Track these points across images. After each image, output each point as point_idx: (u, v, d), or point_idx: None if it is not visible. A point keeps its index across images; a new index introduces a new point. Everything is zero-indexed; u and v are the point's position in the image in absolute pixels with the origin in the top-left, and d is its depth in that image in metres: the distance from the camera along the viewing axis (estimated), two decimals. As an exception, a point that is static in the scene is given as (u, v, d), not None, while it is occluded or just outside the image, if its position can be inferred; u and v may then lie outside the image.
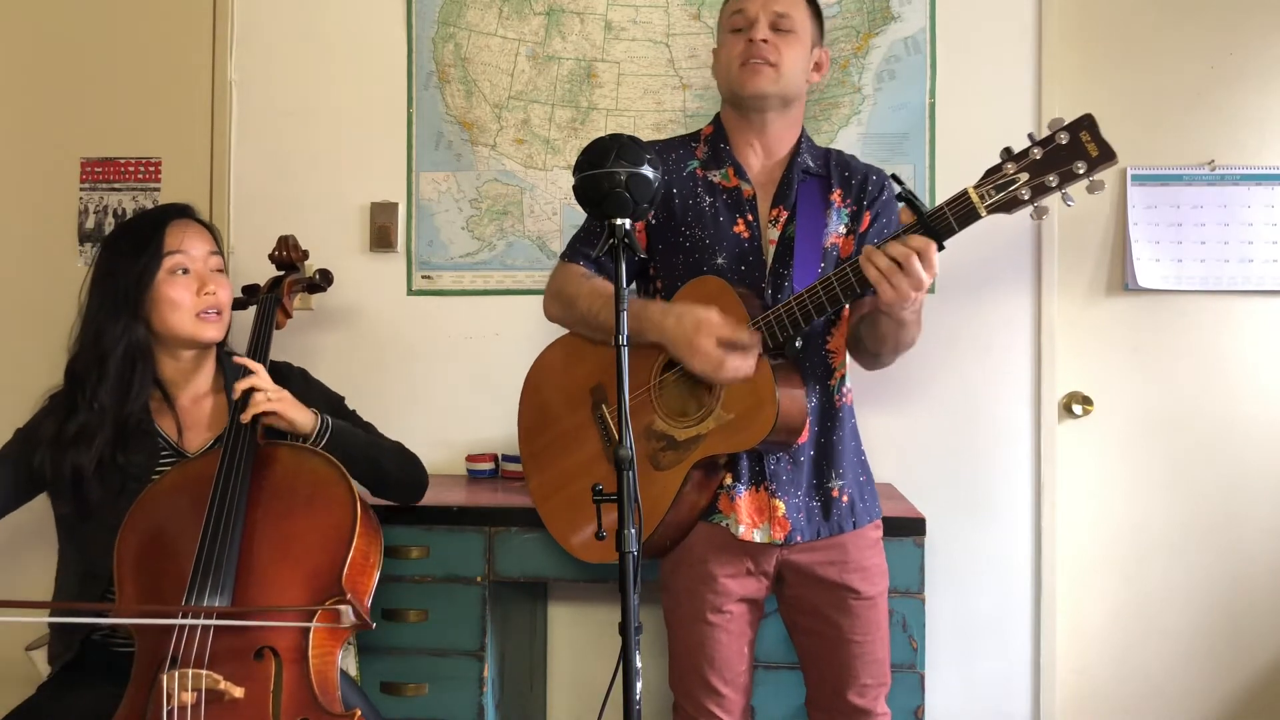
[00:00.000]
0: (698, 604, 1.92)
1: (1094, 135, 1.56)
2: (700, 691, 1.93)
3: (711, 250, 1.92)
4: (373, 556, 1.82)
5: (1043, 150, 1.58)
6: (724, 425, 1.82)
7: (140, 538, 1.78)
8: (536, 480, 2.05)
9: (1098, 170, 1.56)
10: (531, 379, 2.11)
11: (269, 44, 2.72)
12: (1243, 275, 2.54)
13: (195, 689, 1.60)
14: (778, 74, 1.90)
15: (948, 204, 1.65)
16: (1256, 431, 2.56)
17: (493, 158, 2.67)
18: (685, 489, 1.86)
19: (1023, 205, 1.61)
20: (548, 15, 2.65)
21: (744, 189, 1.95)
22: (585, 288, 1.96)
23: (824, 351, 1.94)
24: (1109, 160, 1.55)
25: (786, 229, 1.92)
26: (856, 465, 1.98)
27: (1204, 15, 2.55)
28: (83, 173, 2.75)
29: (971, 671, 2.54)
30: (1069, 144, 1.57)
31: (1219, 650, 2.57)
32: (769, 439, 1.79)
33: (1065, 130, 1.57)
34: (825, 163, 1.99)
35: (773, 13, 1.91)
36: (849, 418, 1.99)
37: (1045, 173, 1.58)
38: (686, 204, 1.96)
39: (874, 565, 1.95)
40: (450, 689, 2.15)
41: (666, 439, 1.88)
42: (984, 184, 1.62)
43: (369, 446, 2.01)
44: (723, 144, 1.98)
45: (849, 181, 1.97)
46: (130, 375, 1.91)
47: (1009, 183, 1.60)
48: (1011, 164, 1.60)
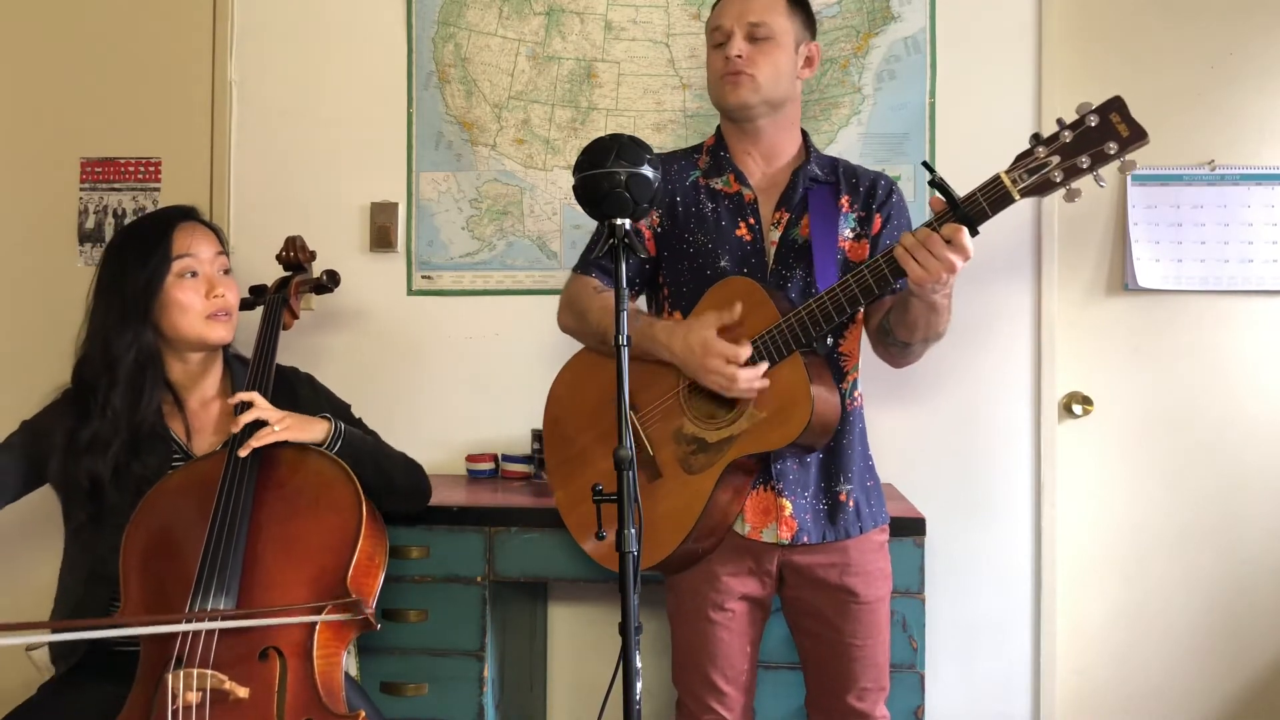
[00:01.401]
0: (700, 601, 1.93)
1: (1124, 116, 1.59)
2: (702, 688, 1.94)
3: (715, 254, 1.94)
4: (378, 558, 1.82)
5: (1073, 133, 1.61)
6: (757, 424, 1.82)
7: (146, 538, 1.78)
8: (562, 492, 2.04)
9: (1129, 150, 1.59)
10: (555, 391, 2.09)
11: (269, 44, 2.72)
12: (1243, 275, 2.54)
13: (200, 689, 1.60)
14: (756, 84, 1.92)
15: (980, 189, 1.66)
16: (1256, 431, 2.56)
17: (493, 158, 2.67)
18: (718, 492, 1.85)
19: (1055, 188, 1.63)
20: (548, 15, 2.65)
21: (745, 194, 1.96)
22: (596, 303, 1.97)
23: (837, 354, 1.95)
24: (1140, 140, 1.58)
25: (788, 231, 1.93)
26: (864, 470, 1.98)
27: (1204, 15, 2.55)
28: (83, 173, 2.75)
29: (971, 671, 2.54)
30: (1099, 125, 1.59)
31: (1219, 650, 2.57)
32: (803, 437, 1.79)
33: (1095, 113, 1.60)
34: (833, 170, 2.00)
35: (746, 24, 1.92)
36: (858, 422, 1.99)
37: (1077, 154, 1.60)
38: (690, 211, 1.98)
39: (876, 570, 1.94)
40: (450, 689, 2.15)
41: (698, 442, 1.88)
42: (1016, 168, 1.64)
43: (377, 454, 2.00)
44: (723, 152, 2.00)
45: (856, 188, 1.98)
46: (142, 381, 1.90)
47: (1041, 166, 1.62)
48: (1042, 148, 1.63)
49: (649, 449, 1.92)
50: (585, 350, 2.05)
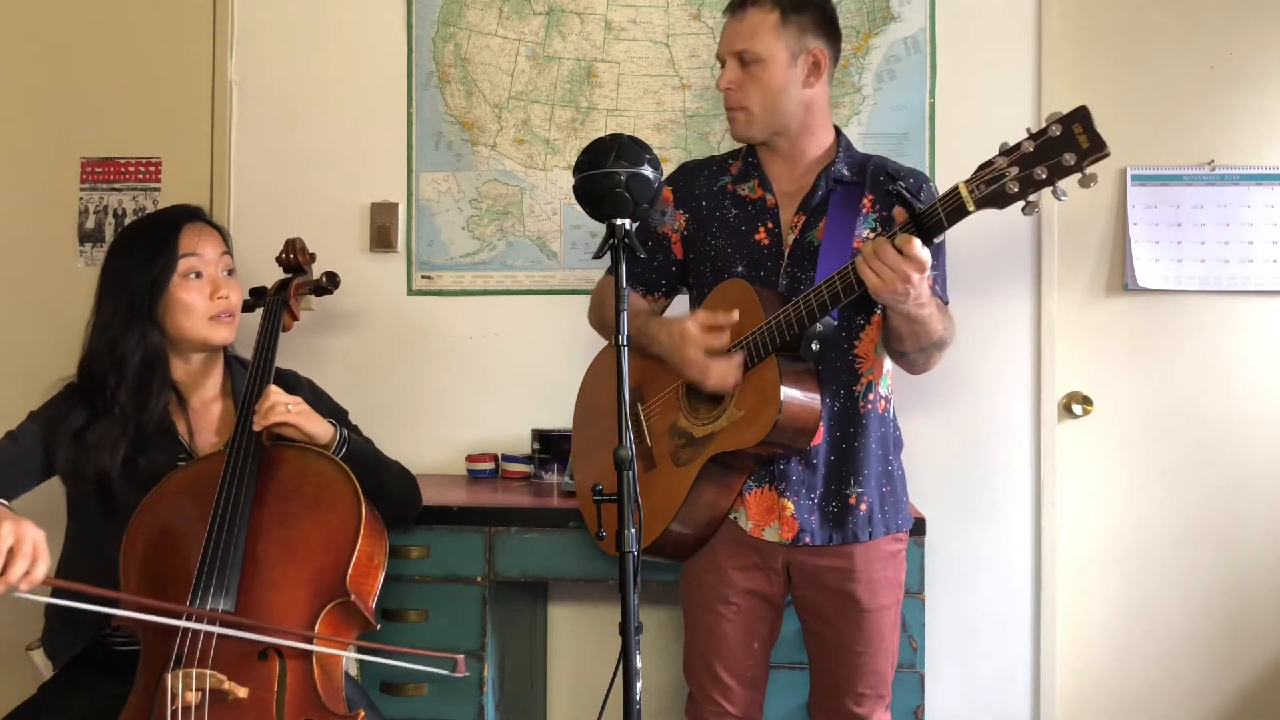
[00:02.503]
0: (706, 591, 1.95)
1: (1086, 127, 1.51)
2: (705, 679, 1.96)
3: (732, 258, 1.96)
4: (377, 558, 1.83)
5: (1035, 144, 1.55)
6: (735, 422, 1.84)
7: (146, 537, 1.79)
8: (579, 478, 2.13)
9: (1088, 162, 1.52)
10: (585, 383, 2.17)
11: (269, 44, 2.72)
12: (1243, 275, 2.54)
13: (199, 689, 1.60)
14: (750, 116, 1.92)
15: (940, 200, 1.64)
16: (1256, 431, 2.56)
17: (493, 158, 2.67)
18: (701, 484, 1.87)
19: (1012, 199, 1.57)
20: (548, 15, 2.65)
21: (768, 199, 1.97)
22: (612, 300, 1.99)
23: (850, 356, 1.93)
24: (1099, 152, 1.51)
25: (804, 234, 1.93)
26: (881, 475, 1.96)
27: (1204, 15, 2.55)
28: (83, 173, 2.75)
29: (971, 671, 2.54)
30: (1061, 136, 1.53)
31: (1219, 650, 2.57)
32: (772, 437, 1.79)
33: (1059, 123, 1.54)
34: (862, 170, 1.97)
35: (733, 53, 1.92)
36: (878, 426, 1.95)
37: (1035, 165, 1.54)
38: (713, 215, 2.00)
39: (884, 578, 1.93)
40: (450, 689, 2.15)
41: (686, 436, 1.91)
42: (974, 179, 1.60)
43: (376, 463, 2.01)
44: (752, 159, 2.01)
45: (883, 187, 1.95)
46: (150, 380, 1.91)
47: (998, 176, 1.57)
48: (1003, 158, 1.58)
49: (648, 440, 1.97)
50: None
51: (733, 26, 1.93)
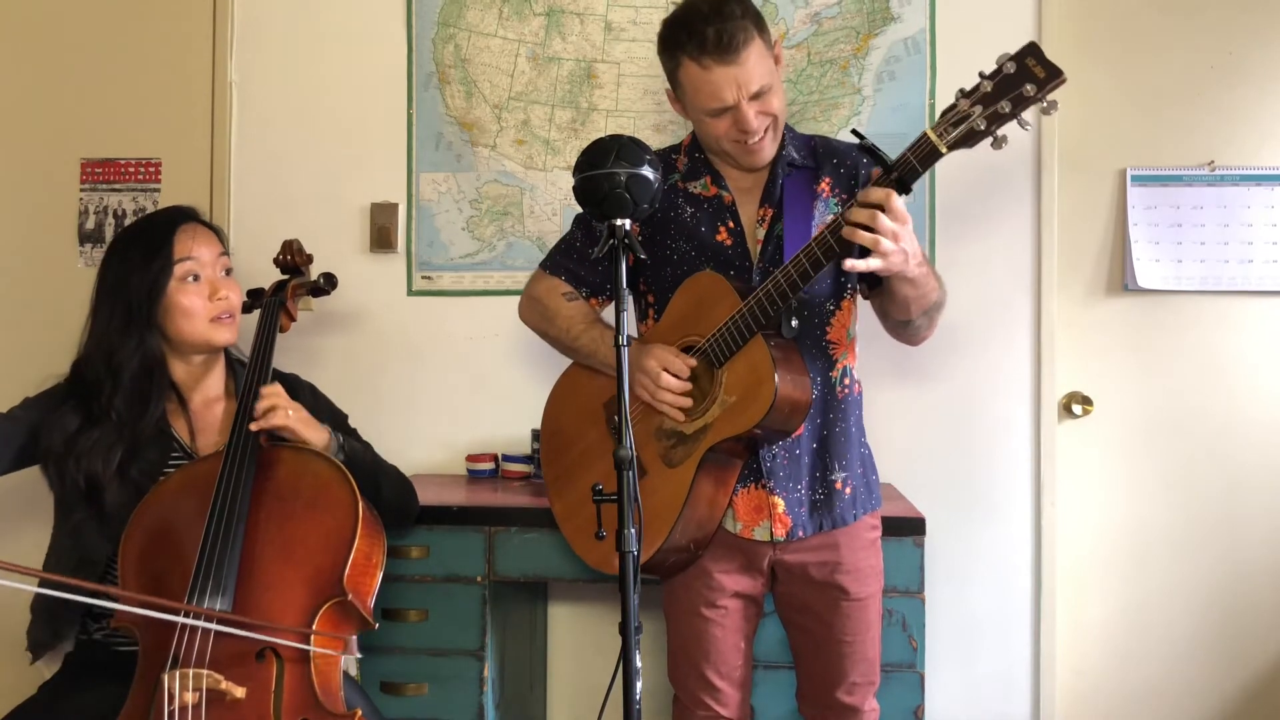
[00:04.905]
0: (693, 598, 1.94)
1: (1039, 59, 1.58)
2: (696, 684, 1.95)
3: (696, 261, 1.94)
4: (375, 557, 1.82)
5: (992, 82, 1.61)
6: (728, 409, 1.83)
7: (144, 538, 1.79)
8: (560, 504, 2.04)
9: (1047, 90, 1.58)
10: (548, 408, 2.11)
11: (269, 44, 2.72)
12: (1242, 275, 2.54)
13: (197, 689, 1.60)
14: (776, 132, 1.89)
15: (910, 149, 1.67)
16: (1256, 432, 2.56)
17: (493, 158, 2.67)
18: (699, 480, 1.85)
19: (981, 136, 1.62)
20: (548, 16, 2.65)
21: (724, 196, 1.94)
22: (566, 309, 2.00)
23: (824, 343, 1.94)
24: (1056, 79, 1.58)
25: (773, 227, 1.92)
26: (859, 458, 1.98)
27: (1204, 15, 2.55)
28: (83, 173, 2.75)
29: (971, 671, 2.54)
30: (1016, 72, 1.59)
31: (1219, 650, 2.58)
32: (769, 418, 1.78)
33: (1012, 60, 1.60)
34: (811, 152, 1.96)
35: (750, 92, 1.81)
36: (854, 409, 1.98)
37: (997, 100, 1.60)
38: (669, 216, 1.96)
39: (867, 566, 1.95)
40: (450, 689, 2.15)
41: (676, 435, 1.89)
42: (940, 123, 1.65)
43: (374, 468, 2.01)
44: (699, 154, 1.97)
45: (837, 169, 1.95)
46: (147, 387, 1.90)
47: (964, 117, 1.62)
48: (965, 100, 1.63)
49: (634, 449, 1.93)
50: (572, 366, 2.07)
51: (733, 71, 1.79)
